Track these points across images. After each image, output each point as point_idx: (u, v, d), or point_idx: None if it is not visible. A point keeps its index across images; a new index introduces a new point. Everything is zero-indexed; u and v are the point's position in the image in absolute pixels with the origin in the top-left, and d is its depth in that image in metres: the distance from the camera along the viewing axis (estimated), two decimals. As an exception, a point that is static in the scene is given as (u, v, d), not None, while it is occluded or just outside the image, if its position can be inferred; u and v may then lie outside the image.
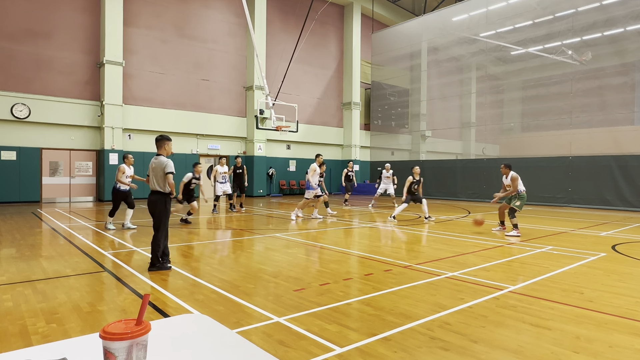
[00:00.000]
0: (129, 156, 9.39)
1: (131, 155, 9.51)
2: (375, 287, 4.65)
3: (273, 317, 3.64)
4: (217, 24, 20.06)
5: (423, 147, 23.30)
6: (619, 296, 4.34)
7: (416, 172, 11.55)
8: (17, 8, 15.21)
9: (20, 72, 15.33)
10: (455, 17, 21.30)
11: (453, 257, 6.44)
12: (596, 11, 16.23)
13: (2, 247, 6.98)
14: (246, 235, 8.60)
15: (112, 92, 16.68)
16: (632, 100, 16.49)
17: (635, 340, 3.20)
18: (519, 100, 20.09)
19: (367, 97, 26.23)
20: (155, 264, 5.42)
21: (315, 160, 11.83)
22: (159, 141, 5.60)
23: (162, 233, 5.51)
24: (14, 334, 3.25)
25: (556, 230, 9.51)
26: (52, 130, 16.13)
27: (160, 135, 5.65)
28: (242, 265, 5.90)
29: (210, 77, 19.84)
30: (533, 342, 3.15)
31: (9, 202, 15.15)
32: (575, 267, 5.71)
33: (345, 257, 6.47)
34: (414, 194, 11.47)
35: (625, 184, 14.72)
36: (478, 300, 4.15)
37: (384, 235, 8.78)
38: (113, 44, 16.63)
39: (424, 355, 2.90)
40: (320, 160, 11.82)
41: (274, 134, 20.77)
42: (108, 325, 0.95)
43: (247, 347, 1.17)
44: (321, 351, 2.95)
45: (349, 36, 24.86)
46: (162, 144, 5.58)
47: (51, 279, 4.93)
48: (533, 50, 18.48)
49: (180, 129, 18.74)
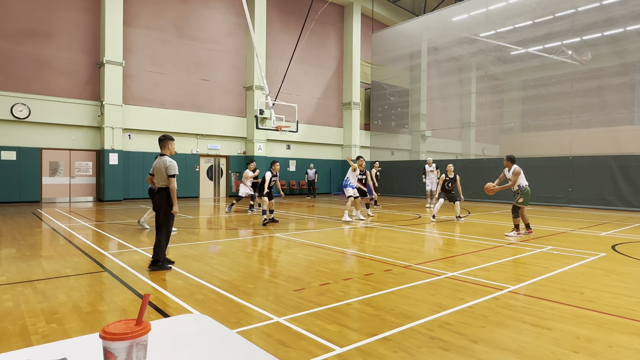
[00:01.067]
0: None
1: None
2: (375, 287, 4.65)
3: (273, 317, 3.64)
4: (217, 24, 20.07)
5: (423, 147, 23.29)
6: (618, 296, 4.34)
7: (449, 169, 11.24)
8: (17, 8, 15.21)
9: (20, 72, 15.33)
10: (455, 17, 21.30)
11: (453, 257, 6.44)
12: (596, 11, 16.23)
13: (2, 247, 6.98)
14: (246, 235, 8.61)
15: (112, 92, 16.68)
16: (632, 100, 16.48)
17: (635, 340, 3.20)
18: (519, 100, 20.08)
19: (367, 97, 26.24)
20: (158, 263, 5.43)
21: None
22: (162, 141, 5.67)
23: (164, 230, 5.53)
24: (14, 334, 3.25)
25: (556, 230, 9.51)
26: (52, 130, 16.13)
27: (163, 135, 5.72)
28: (242, 265, 5.90)
29: (210, 77, 19.84)
30: (533, 342, 3.15)
31: (9, 202, 15.15)
32: (575, 267, 5.71)
33: (345, 257, 6.47)
34: (450, 192, 11.15)
35: (625, 184, 14.72)
36: (478, 300, 4.15)
37: (385, 236, 8.78)
38: (113, 44, 16.63)
39: (424, 355, 2.90)
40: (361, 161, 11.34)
41: (274, 134, 20.77)
42: (108, 325, 0.95)
43: (247, 347, 1.17)
44: (321, 351, 2.96)
45: (348, 36, 24.86)
46: (165, 144, 5.66)
47: (51, 279, 4.93)
48: (533, 50, 18.48)
49: (180, 129, 18.74)
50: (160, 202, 5.55)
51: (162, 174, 5.50)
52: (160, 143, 5.68)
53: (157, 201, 5.58)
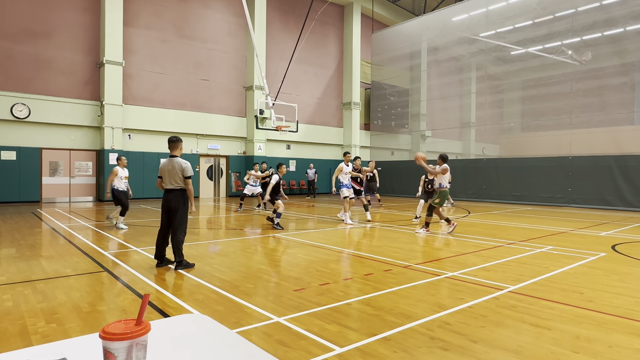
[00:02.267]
0: (122, 158, 9.64)
1: (124, 157, 9.77)
2: (375, 287, 4.65)
3: (273, 317, 3.64)
4: (217, 24, 20.06)
5: (423, 147, 23.28)
6: (618, 296, 4.34)
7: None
8: (17, 8, 15.21)
9: (20, 72, 15.33)
10: (455, 17, 21.29)
11: (453, 257, 6.44)
12: (596, 11, 16.23)
13: (2, 247, 6.98)
14: (246, 235, 8.61)
15: (112, 92, 16.68)
16: (632, 100, 16.49)
17: (635, 340, 3.20)
18: (519, 100, 20.08)
19: (367, 97, 26.24)
20: (182, 262, 5.43)
21: None
22: (173, 142, 5.62)
23: (182, 230, 5.52)
24: (14, 334, 3.25)
25: (556, 230, 9.51)
26: (52, 130, 16.13)
27: (174, 137, 5.66)
28: (242, 265, 5.90)
29: (210, 77, 19.84)
30: (533, 342, 3.15)
31: (9, 202, 15.15)
32: (575, 267, 5.71)
33: (345, 257, 6.47)
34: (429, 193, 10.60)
35: (625, 184, 14.72)
36: (478, 300, 4.15)
37: (385, 236, 8.78)
38: (113, 44, 16.63)
39: (423, 355, 2.90)
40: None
41: (274, 133, 20.77)
42: (108, 325, 0.95)
43: (247, 347, 1.17)
44: (321, 351, 2.96)
45: (349, 36, 24.86)
46: (177, 145, 5.61)
47: (51, 279, 4.93)
48: (533, 50, 18.48)
49: (180, 129, 18.75)
50: (175, 204, 5.48)
51: (177, 176, 5.46)
52: (172, 144, 5.60)
53: (172, 203, 5.49)
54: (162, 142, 18.52)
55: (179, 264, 5.42)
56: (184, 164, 5.47)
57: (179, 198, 5.50)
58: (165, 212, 5.59)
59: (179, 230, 5.49)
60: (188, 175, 5.47)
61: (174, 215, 5.50)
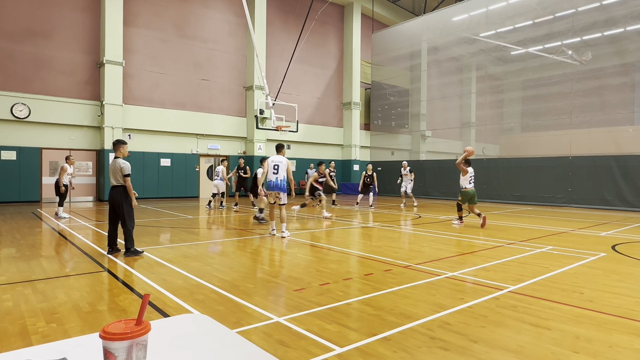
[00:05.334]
0: (71, 157, 11.37)
1: (72, 157, 11.50)
2: (375, 287, 4.65)
3: (273, 317, 3.64)
4: (217, 24, 20.06)
5: (423, 147, 23.29)
6: (618, 296, 4.34)
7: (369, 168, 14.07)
8: (17, 8, 15.21)
9: (20, 72, 15.33)
10: (455, 17, 21.29)
11: (453, 257, 6.44)
12: (596, 11, 16.23)
13: (2, 247, 6.98)
14: (246, 235, 8.60)
15: (112, 92, 16.68)
16: (632, 100, 16.49)
17: (635, 340, 3.20)
18: (519, 100, 20.08)
19: (367, 97, 26.23)
20: (131, 249, 6.18)
21: None
22: (114, 145, 6.32)
23: (129, 221, 6.26)
24: (14, 334, 3.25)
25: (556, 230, 9.51)
26: (52, 130, 16.13)
27: (116, 140, 6.43)
28: (242, 265, 5.90)
29: (210, 77, 19.84)
30: (533, 342, 3.15)
31: (9, 202, 15.15)
32: (575, 267, 5.71)
33: (345, 257, 6.47)
34: (368, 186, 13.95)
35: (625, 184, 14.72)
36: (478, 300, 4.15)
37: (385, 236, 8.78)
38: (113, 44, 16.63)
39: (423, 355, 2.90)
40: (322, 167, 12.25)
41: (274, 133, 20.77)
42: (108, 325, 0.95)
43: (247, 347, 1.17)
44: (321, 351, 2.96)
45: (349, 36, 24.86)
46: (117, 147, 6.31)
47: (51, 278, 4.93)
48: (533, 50, 18.47)
49: (180, 129, 18.75)
50: (118, 199, 6.26)
51: (118, 174, 6.21)
52: (114, 147, 6.34)
53: (115, 197, 6.26)
54: (162, 142, 18.52)
55: (127, 250, 6.19)
56: (123, 164, 6.22)
57: (121, 193, 6.28)
58: (111, 206, 6.37)
59: (127, 221, 6.25)
60: (126, 174, 6.23)
61: (120, 208, 6.27)
